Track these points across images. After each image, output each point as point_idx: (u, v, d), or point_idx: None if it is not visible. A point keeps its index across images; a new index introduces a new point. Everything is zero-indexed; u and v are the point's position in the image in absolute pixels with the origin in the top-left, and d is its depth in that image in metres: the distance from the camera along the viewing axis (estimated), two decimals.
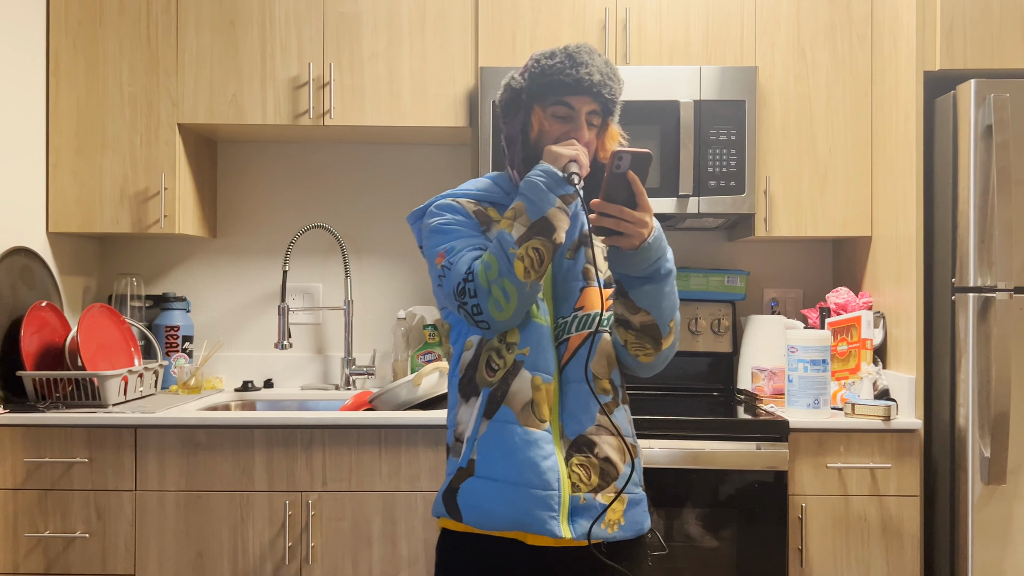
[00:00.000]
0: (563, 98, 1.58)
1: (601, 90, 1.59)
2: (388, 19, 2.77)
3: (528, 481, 1.52)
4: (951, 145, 2.39)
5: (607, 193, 1.44)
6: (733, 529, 2.38)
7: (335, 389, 3.02)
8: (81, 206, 2.76)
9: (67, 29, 2.76)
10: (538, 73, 1.60)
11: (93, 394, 2.52)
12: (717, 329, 2.94)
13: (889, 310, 2.63)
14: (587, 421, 1.57)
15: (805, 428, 2.41)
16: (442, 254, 1.57)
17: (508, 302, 1.49)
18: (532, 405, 1.55)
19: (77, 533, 2.40)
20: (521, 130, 1.62)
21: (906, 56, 2.51)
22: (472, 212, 1.63)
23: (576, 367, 1.58)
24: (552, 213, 1.49)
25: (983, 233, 2.31)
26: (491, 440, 1.55)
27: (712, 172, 2.66)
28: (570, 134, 1.58)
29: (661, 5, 2.75)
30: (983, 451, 2.30)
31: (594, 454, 1.56)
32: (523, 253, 1.48)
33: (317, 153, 3.14)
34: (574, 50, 1.60)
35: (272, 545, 2.41)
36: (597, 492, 1.55)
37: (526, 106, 1.62)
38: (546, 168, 1.52)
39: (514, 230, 1.49)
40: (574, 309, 1.59)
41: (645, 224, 1.47)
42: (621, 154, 1.41)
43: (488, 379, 1.58)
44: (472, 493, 1.55)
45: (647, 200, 1.47)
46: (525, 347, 1.56)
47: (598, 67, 1.59)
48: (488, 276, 1.49)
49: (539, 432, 1.54)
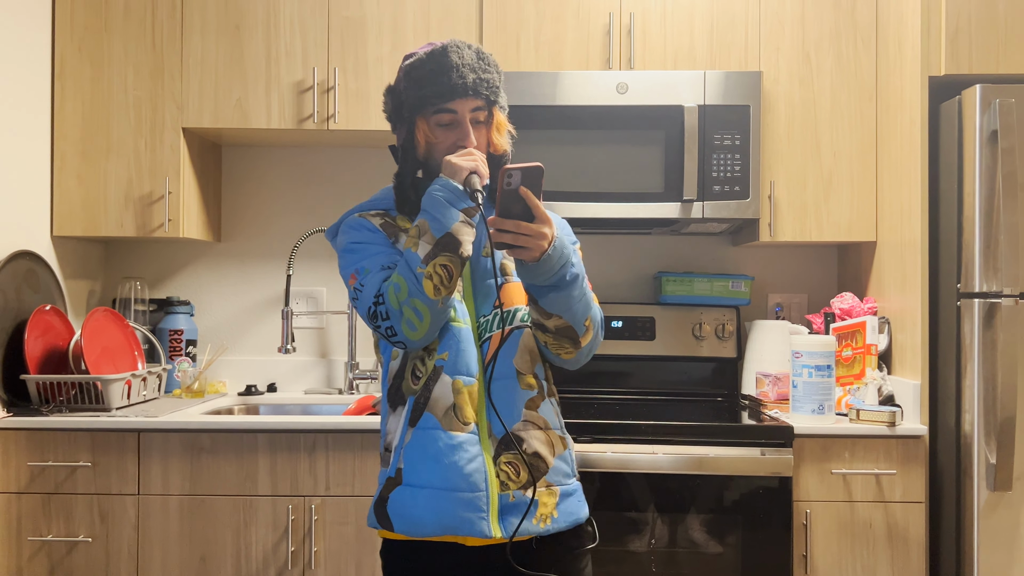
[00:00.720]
0: (442, 105, 1.57)
1: (479, 87, 1.57)
2: (393, 23, 2.77)
3: (454, 485, 1.52)
4: (956, 150, 2.39)
5: (502, 209, 1.44)
6: (738, 535, 2.38)
7: (338, 393, 3.02)
8: (86, 210, 2.77)
9: (72, 33, 2.77)
10: (412, 84, 1.59)
11: (97, 398, 2.52)
12: (721, 334, 2.93)
13: (894, 315, 2.62)
14: (513, 417, 1.57)
15: (810, 434, 2.40)
16: (353, 275, 1.57)
17: (421, 321, 1.50)
18: (454, 409, 1.54)
19: (80, 537, 2.40)
20: (404, 144, 1.62)
21: (911, 61, 2.50)
22: (379, 226, 1.62)
23: (499, 364, 1.58)
24: (456, 228, 1.49)
25: (988, 239, 2.30)
26: (416, 447, 1.55)
27: (717, 177, 2.65)
28: (458, 142, 1.58)
29: (665, 9, 2.75)
30: (989, 457, 2.29)
31: (522, 450, 1.55)
32: (431, 271, 1.48)
33: (321, 157, 3.14)
34: (440, 51, 1.58)
35: (275, 550, 2.41)
36: (526, 488, 1.55)
37: (408, 119, 1.61)
38: (445, 183, 1.51)
39: (420, 249, 1.49)
40: (494, 307, 1.58)
41: (544, 236, 1.45)
42: (511, 171, 1.41)
43: (413, 387, 1.58)
44: (401, 502, 1.55)
45: (543, 211, 1.46)
46: (444, 352, 1.56)
47: (469, 64, 1.57)
48: (398, 297, 1.49)
49: (463, 435, 1.54)
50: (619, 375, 2.98)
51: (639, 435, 2.39)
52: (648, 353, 2.94)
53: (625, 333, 2.94)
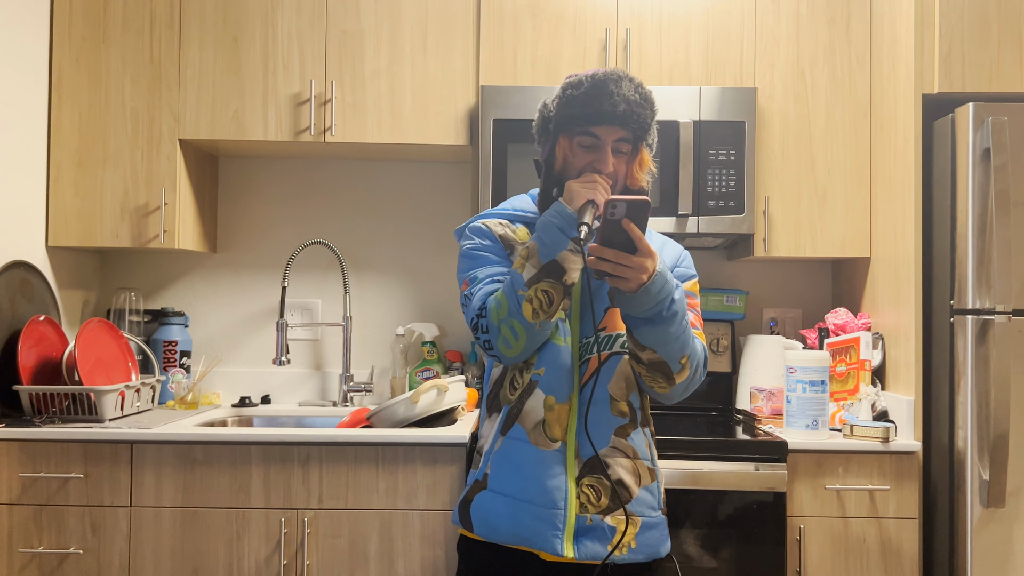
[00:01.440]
0: (587, 128, 1.58)
1: (627, 119, 1.58)
2: (390, 37, 2.79)
3: (533, 498, 1.55)
4: (950, 167, 2.40)
5: (603, 238, 1.45)
6: (731, 550, 2.37)
7: (333, 406, 3.01)
8: (81, 220, 2.76)
9: (70, 44, 2.77)
10: (564, 103, 1.61)
11: (90, 409, 2.51)
12: (716, 349, 2.94)
13: (888, 331, 2.63)
14: (602, 442, 1.58)
15: (803, 449, 2.41)
16: (466, 282, 1.62)
17: (517, 340, 1.52)
18: (544, 424, 1.57)
19: (72, 549, 2.39)
20: (546, 160, 1.64)
21: (905, 79, 2.52)
22: (499, 236, 1.65)
23: (595, 388, 1.59)
24: (563, 256, 1.50)
25: (982, 255, 2.31)
26: (504, 456, 1.60)
27: (711, 192, 2.67)
28: (594, 164, 1.58)
29: (661, 26, 2.77)
30: (982, 473, 2.30)
31: (606, 475, 1.56)
32: (532, 295, 1.49)
33: (318, 169, 3.15)
34: (601, 79, 1.59)
35: (268, 563, 2.40)
36: (606, 514, 1.55)
37: (552, 136, 1.63)
38: (560, 209, 1.51)
39: (525, 271, 1.51)
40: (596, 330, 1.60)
41: (644, 268, 1.46)
42: (615, 202, 1.42)
43: (509, 397, 1.62)
44: (483, 506, 1.60)
45: (647, 245, 1.46)
46: (540, 367, 1.59)
47: (625, 96, 1.57)
48: (499, 315, 1.52)
49: (549, 451, 1.56)
50: None
51: None
52: None
53: None
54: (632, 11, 2.77)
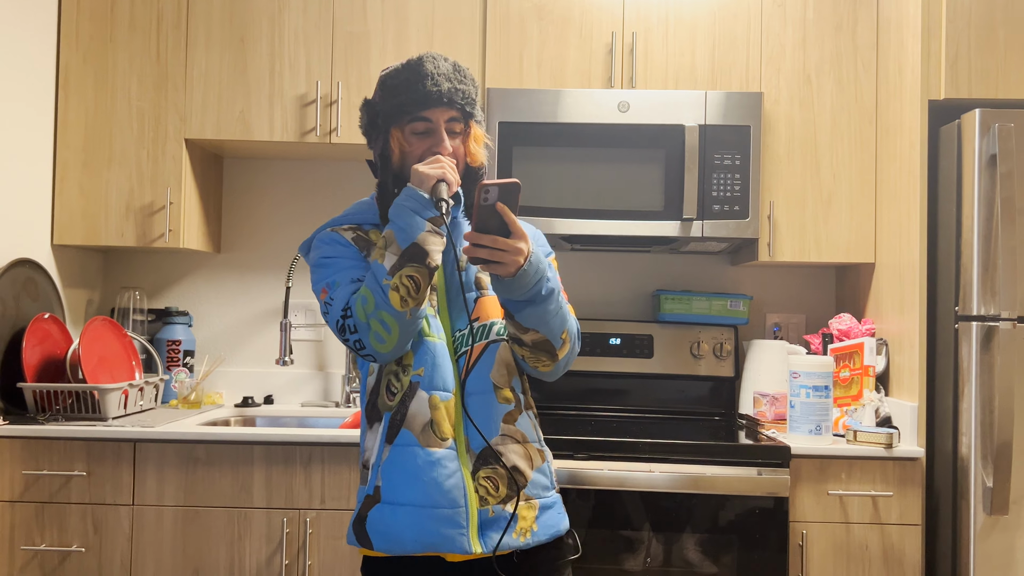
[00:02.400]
0: (417, 114, 1.56)
1: (454, 97, 1.57)
2: (396, 39, 2.79)
3: (434, 502, 1.52)
4: (955, 174, 2.40)
5: (478, 225, 1.44)
6: (733, 555, 2.37)
7: (335, 407, 3.01)
8: (86, 219, 2.77)
9: (78, 43, 2.78)
10: (387, 94, 1.59)
11: (93, 407, 2.51)
12: (719, 353, 2.93)
13: (892, 337, 2.63)
14: (491, 432, 1.56)
15: (806, 454, 2.40)
16: (324, 290, 1.57)
17: (389, 334, 1.49)
18: (432, 424, 1.54)
19: (73, 547, 2.39)
20: (381, 154, 1.61)
21: (911, 85, 2.52)
22: (351, 240, 1.61)
23: (476, 378, 1.57)
24: (423, 238, 1.48)
25: (987, 262, 2.31)
26: (394, 465, 1.55)
27: (716, 196, 2.66)
28: (432, 149, 1.57)
29: (668, 30, 2.77)
30: (985, 481, 2.29)
31: (501, 464, 1.55)
32: (397, 283, 1.47)
33: (323, 170, 3.15)
34: (415, 62, 1.58)
35: (269, 563, 2.40)
36: (506, 503, 1.54)
37: (383, 130, 1.60)
38: (412, 192, 1.50)
39: (386, 260, 1.48)
40: (470, 320, 1.58)
41: (520, 251, 1.45)
42: (488, 187, 1.41)
43: (388, 403, 1.58)
44: (380, 520, 1.55)
45: (520, 227, 1.45)
46: (419, 367, 1.56)
47: (445, 74, 1.57)
48: (365, 310, 1.48)
49: (441, 451, 1.53)
50: (616, 392, 2.97)
51: (635, 453, 2.39)
52: (646, 371, 2.94)
53: (623, 351, 2.94)
54: (639, 14, 2.77)
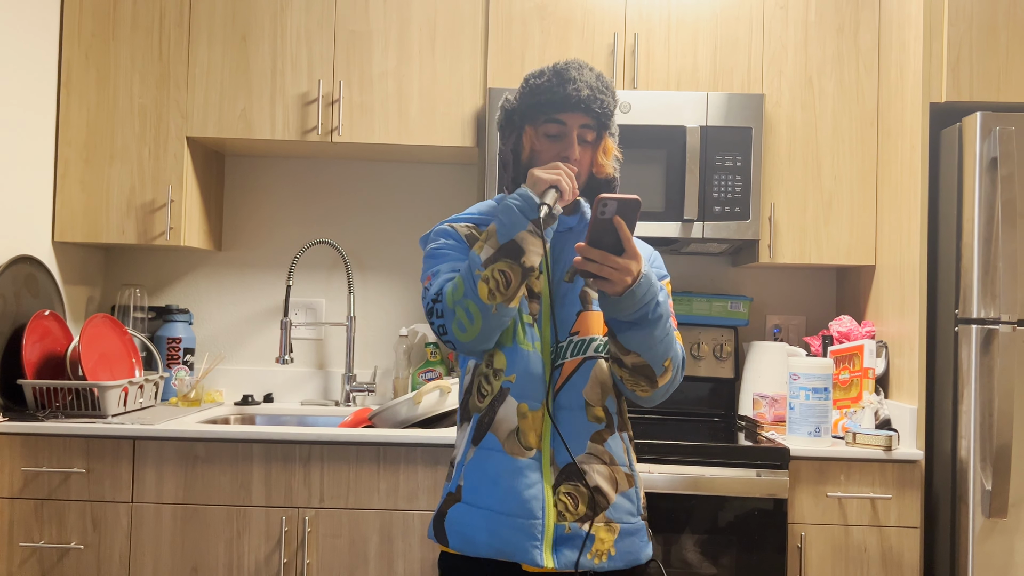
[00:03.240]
0: (553, 115, 1.57)
1: (591, 104, 1.57)
2: (398, 38, 2.79)
3: (511, 510, 1.52)
4: (956, 177, 2.40)
5: (591, 238, 1.41)
6: (732, 556, 2.37)
7: (335, 405, 3.01)
8: (88, 216, 2.77)
9: (80, 41, 2.78)
10: (527, 93, 1.60)
11: (93, 404, 2.51)
12: (719, 354, 2.93)
13: (892, 340, 2.63)
14: (578, 449, 1.56)
15: (806, 456, 2.40)
16: (428, 277, 1.59)
17: (472, 323, 1.48)
18: (518, 433, 1.54)
19: (72, 544, 2.39)
20: (512, 151, 1.62)
21: (912, 87, 2.52)
22: (464, 236, 1.63)
23: (568, 393, 1.57)
24: (522, 237, 1.47)
25: (987, 265, 2.31)
26: (477, 467, 1.56)
27: (717, 197, 2.66)
28: (561, 153, 1.57)
29: (669, 31, 2.78)
30: (984, 484, 2.29)
31: (583, 483, 1.54)
32: (488, 275, 1.47)
33: (324, 169, 3.15)
34: (562, 67, 1.59)
35: (268, 561, 2.40)
36: (584, 522, 1.53)
37: (518, 127, 1.62)
38: (523, 192, 1.50)
39: (483, 252, 1.48)
40: (570, 334, 1.57)
41: (630, 271, 1.42)
42: (607, 200, 1.38)
43: (478, 405, 1.58)
44: (458, 519, 1.56)
45: (634, 246, 1.42)
46: (511, 374, 1.55)
47: (587, 81, 1.57)
48: (454, 297, 1.49)
49: (524, 460, 1.53)
50: None
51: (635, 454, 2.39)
52: None
53: None
54: (640, 16, 2.77)
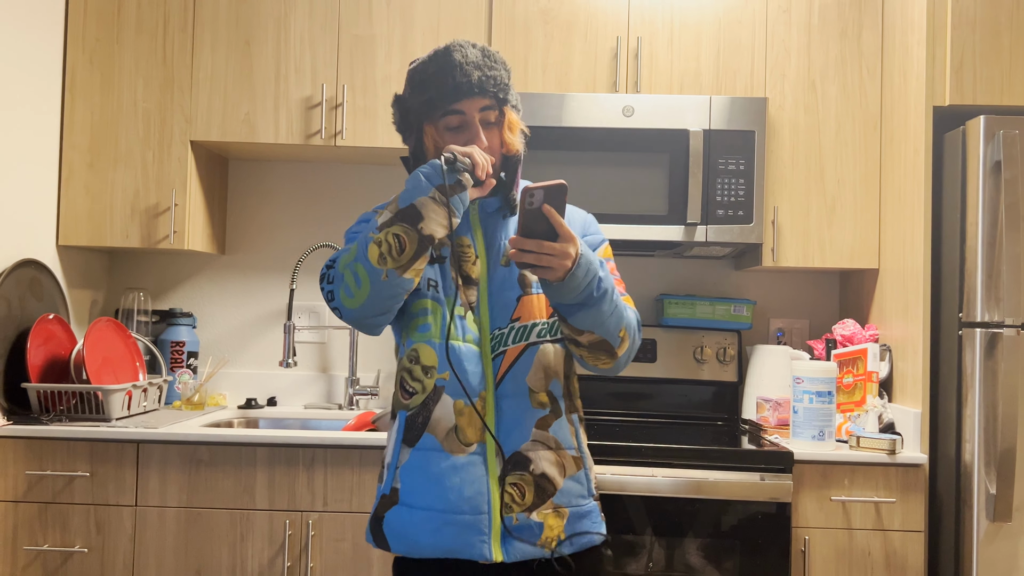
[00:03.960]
0: (449, 107, 1.51)
1: (485, 85, 1.51)
2: (402, 42, 2.80)
3: (455, 507, 1.48)
4: (960, 180, 2.40)
5: (524, 228, 1.39)
6: (735, 561, 2.37)
7: (338, 409, 3.02)
8: (92, 220, 2.78)
9: (84, 45, 2.79)
10: (416, 88, 1.54)
11: (97, 408, 2.52)
12: (722, 358, 2.93)
13: (895, 343, 2.63)
14: (522, 437, 1.52)
15: (809, 460, 2.40)
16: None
17: (359, 288, 1.43)
18: (456, 430, 1.50)
19: (76, 547, 2.39)
20: (414, 152, 1.57)
21: (916, 91, 2.52)
22: None
23: (512, 381, 1.53)
24: (422, 202, 1.42)
25: (991, 268, 2.31)
26: (415, 468, 1.51)
27: (720, 201, 2.66)
28: (468, 143, 1.52)
29: (672, 35, 2.78)
30: (989, 488, 2.29)
31: (529, 471, 1.50)
32: (381, 238, 1.42)
33: (327, 173, 3.16)
34: (443, 52, 1.52)
35: (271, 565, 2.40)
36: (532, 510, 1.50)
37: (415, 127, 1.56)
38: (433, 162, 1.46)
39: (382, 217, 1.45)
40: (511, 320, 1.53)
41: (567, 255, 1.39)
42: (532, 191, 1.37)
43: (403, 402, 1.54)
44: (397, 522, 1.52)
45: (568, 230, 1.40)
46: (444, 371, 1.51)
47: (474, 62, 1.51)
48: (345, 261, 1.46)
49: (465, 457, 1.49)
50: (619, 396, 2.97)
51: (638, 457, 2.39)
52: (649, 375, 2.94)
53: None
54: (643, 19, 2.78)
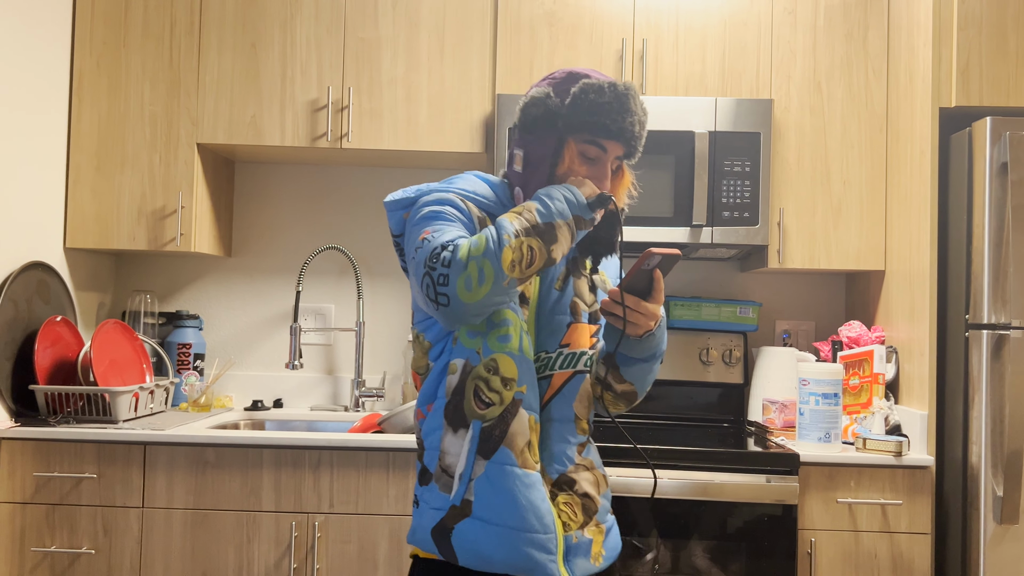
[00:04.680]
0: (600, 139, 1.53)
1: (636, 142, 1.56)
2: (407, 45, 2.80)
3: (529, 525, 1.49)
4: (966, 182, 2.39)
5: (629, 284, 1.47)
6: (742, 563, 2.36)
7: (344, 410, 3.02)
8: (99, 222, 2.79)
9: (91, 48, 2.80)
10: (583, 106, 1.51)
11: (104, 410, 2.53)
12: (728, 360, 2.93)
13: (902, 345, 2.62)
14: (568, 460, 1.56)
15: (815, 462, 2.40)
16: (428, 231, 1.45)
17: (481, 285, 1.38)
18: (529, 446, 1.51)
19: (83, 549, 2.40)
20: (550, 157, 1.54)
21: (922, 92, 2.52)
22: (477, 218, 1.53)
23: (558, 406, 1.56)
24: (559, 225, 1.42)
25: (998, 270, 2.30)
26: (491, 482, 1.49)
27: (726, 203, 2.66)
28: (594, 178, 1.53)
29: (678, 36, 2.78)
30: (996, 490, 2.28)
31: (574, 491, 1.55)
32: (516, 245, 1.38)
33: (333, 175, 3.17)
34: (623, 91, 1.52)
35: (277, 567, 2.41)
36: (583, 528, 1.56)
37: (561, 134, 1.53)
38: (573, 189, 1.47)
39: (516, 222, 1.41)
40: (560, 345, 1.55)
41: (655, 316, 1.49)
42: (654, 255, 1.44)
43: (479, 412, 1.51)
44: (470, 536, 1.50)
45: (663, 296, 1.50)
46: (523, 384, 1.51)
47: (639, 117, 1.54)
48: (472, 252, 1.38)
49: (535, 474, 1.50)
50: None
51: (644, 459, 2.39)
52: None
53: None
54: (649, 21, 2.78)
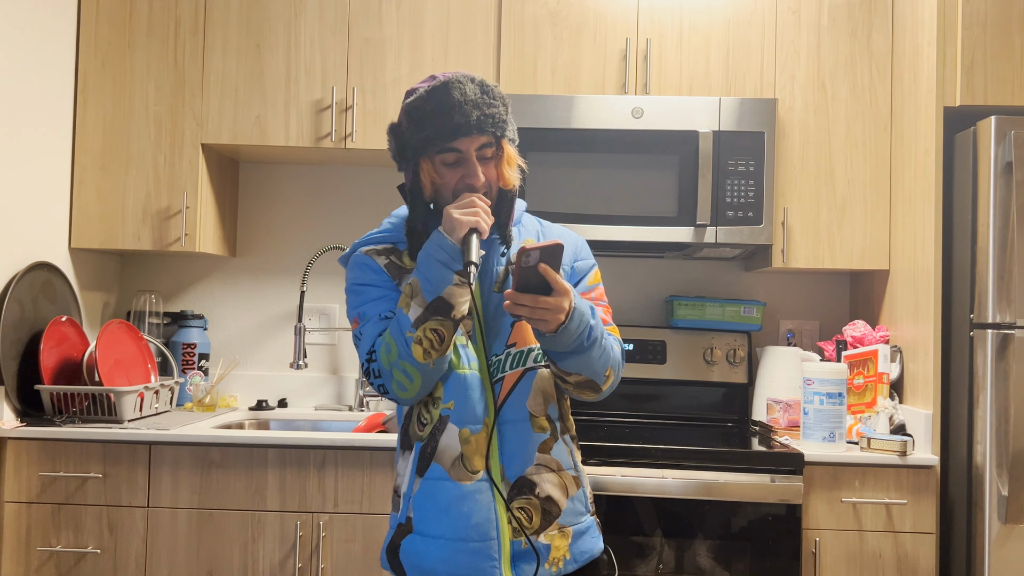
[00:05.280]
0: (446, 145, 1.51)
1: (484, 124, 1.50)
2: (411, 45, 2.80)
3: (465, 535, 1.51)
4: (971, 181, 2.39)
5: (519, 284, 1.41)
6: (746, 562, 2.36)
7: (349, 410, 3.03)
8: (104, 223, 2.79)
9: (96, 49, 2.81)
10: (416, 124, 1.51)
11: (109, 409, 2.53)
12: (732, 359, 2.93)
13: (906, 344, 2.62)
14: (526, 461, 1.55)
15: (820, 461, 2.39)
16: (356, 320, 1.57)
17: (411, 382, 1.48)
18: (462, 459, 1.53)
19: (89, 548, 2.41)
20: (411, 188, 1.56)
21: (926, 91, 2.51)
22: (384, 266, 1.58)
23: (512, 407, 1.55)
24: (449, 292, 1.45)
25: (1002, 269, 2.30)
26: (425, 498, 1.54)
27: (730, 202, 2.66)
28: (464, 180, 1.51)
29: (682, 36, 2.78)
30: (1000, 489, 2.28)
31: (535, 495, 1.54)
32: (420, 336, 1.45)
33: (338, 175, 3.17)
34: (441, 90, 1.49)
35: (282, 566, 2.41)
36: (539, 533, 1.54)
37: (412, 161, 1.54)
38: (442, 241, 1.45)
39: (411, 311, 1.45)
40: (507, 346, 1.54)
41: (561, 308, 1.43)
42: (529, 251, 1.39)
43: (419, 433, 1.57)
44: (413, 550, 1.55)
45: (562, 284, 1.42)
46: (449, 400, 1.53)
47: (472, 101, 1.49)
48: (389, 358, 1.48)
49: (471, 484, 1.52)
50: (629, 398, 2.97)
51: (648, 459, 2.39)
52: (659, 377, 2.94)
53: (636, 356, 2.94)
54: (653, 21, 2.78)
